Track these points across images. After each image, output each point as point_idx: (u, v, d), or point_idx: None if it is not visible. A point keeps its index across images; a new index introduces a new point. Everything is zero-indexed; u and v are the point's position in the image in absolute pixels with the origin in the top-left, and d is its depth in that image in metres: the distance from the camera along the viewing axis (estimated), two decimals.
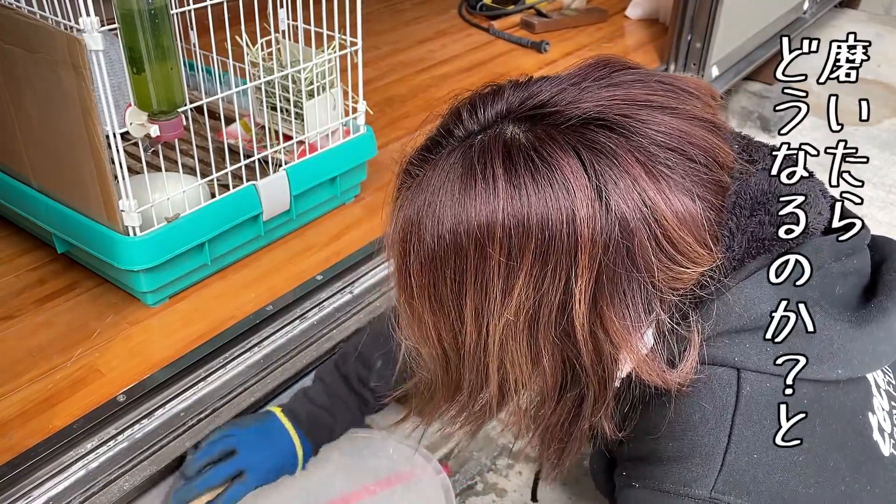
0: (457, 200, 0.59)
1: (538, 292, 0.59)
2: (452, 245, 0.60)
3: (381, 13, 2.28)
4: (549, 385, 0.65)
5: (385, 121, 1.66)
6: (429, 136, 0.66)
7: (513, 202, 0.57)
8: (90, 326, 1.08)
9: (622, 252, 0.57)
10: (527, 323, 0.61)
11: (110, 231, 1.04)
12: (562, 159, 0.57)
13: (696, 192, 0.60)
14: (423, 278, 0.62)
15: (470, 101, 0.65)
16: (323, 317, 1.15)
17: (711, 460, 0.61)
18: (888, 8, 3.18)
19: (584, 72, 0.64)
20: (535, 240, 0.58)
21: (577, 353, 0.62)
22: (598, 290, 0.59)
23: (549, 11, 2.26)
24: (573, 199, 0.57)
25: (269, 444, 0.96)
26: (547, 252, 0.58)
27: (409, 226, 0.62)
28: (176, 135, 0.99)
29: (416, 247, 0.62)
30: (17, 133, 1.09)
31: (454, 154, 0.61)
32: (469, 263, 0.60)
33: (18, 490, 0.87)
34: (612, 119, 0.59)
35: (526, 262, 0.58)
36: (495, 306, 0.60)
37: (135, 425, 0.96)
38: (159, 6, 0.92)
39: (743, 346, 0.63)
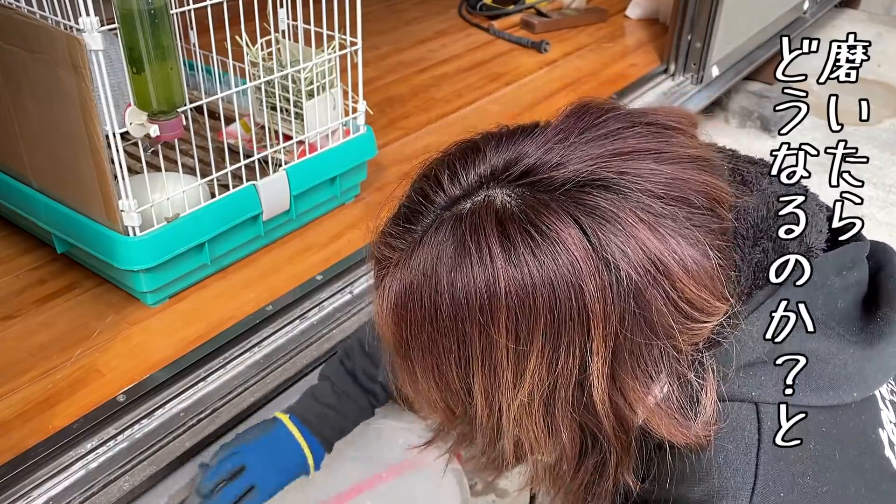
0: (452, 282, 0.55)
1: (552, 374, 0.56)
2: (453, 330, 0.56)
3: (381, 13, 2.28)
4: (568, 454, 0.62)
5: (385, 121, 1.66)
6: (403, 203, 0.61)
7: (514, 282, 0.53)
8: (90, 326, 1.08)
9: (639, 321, 0.54)
10: (542, 402, 0.57)
11: (110, 231, 1.04)
12: (562, 231, 0.53)
13: (705, 241, 0.56)
14: (424, 361, 0.59)
15: (447, 164, 0.60)
16: (323, 317, 1.15)
17: (738, 502, 0.59)
18: (888, 8, 3.18)
19: (566, 124, 0.59)
20: (544, 320, 0.54)
21: (597, 424, 0.59)
22: (616, 363, 0.55)
23: (549, 11, 2.26)
24: (579, 273, 0.53)
25: (278, 454, 0.94)
26: (558, 332, 0.54)
27: (402, 308, 0.58)
28: (176, 135, 0.99)
29: (412, 330, 0.58)
30: (17, 133, 1.09)
31: (442, 229, 0.56)
32: (474, 348, 0.56)
33: (18, 490, 0.87)
34: (607, 178, 0.55)
35: (536, 344, 0.54)
36: (507, 389, 0.57)
37: (135, 425, 0.96)
38: (159, 6, 0.92)
39: (759, 378, 0.60)
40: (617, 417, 0.58)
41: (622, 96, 1.84)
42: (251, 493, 0.91)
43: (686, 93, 1.94)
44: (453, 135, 1.36)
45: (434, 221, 0.57)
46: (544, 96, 1.83)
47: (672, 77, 1.98)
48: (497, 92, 1.83)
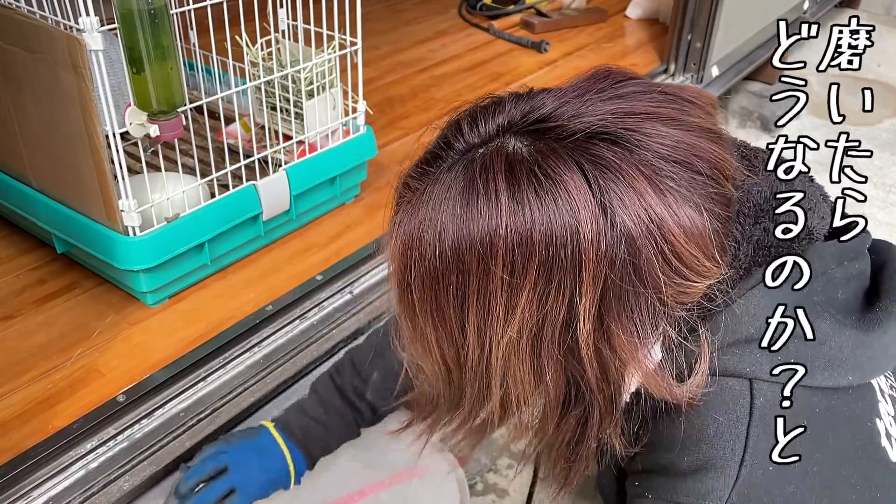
0: (458, 216, 0.58)
1: (542, 310, 0.58)
2: (454, 261, 0.59)
3: (381, 13, 2.28)
4: (552, 403, 0.63)
5: (385, 121, 1.66)
6: (427, 149, 0.65)
7: (516, 218, 0.56)
8: (90, 326, 1.08)
9: (628, 268, 0.56)
10: (530, 341, 0.59)
11: (110, 231, 1.04)
12: (565, 175, 0.56)
13: (703, 206, 0.59)
14: (424, 294, 0.61)
15: (470, 114, 0.64)
16: (323, 317, 1.15)
17: (726, 473, 0.61)
18: (888, 8, 3.18)
19: (585, 84, 0.62)
20: (539, 257, 0.56)
21: (581, 371, 0.61)
22: (603, 307, 0.58)
23: (549, 11, 2.26)
24: (577, 216, 0.55)
25: (260, 460, 0.93)
26: (551, 269, 0.57)
27: (410, 241, 0.61)
28: (175, 135, 0.99)
29: (416, 262, 0.61)
30: (16, 133, 1.09)
31: (455, 168, 0.60)
32: (471, 280, 0.59)
33: (18, 490, 0.87)
34: (616, 133, 0.58)
35: (529, 279, 0.57)
36: (498, 324, 0.59)
37: (134, 425, 0.96)
38: (159, 6, 0.92)
39: (753, 356, 0.62)
40: (601, 366, 0.60)
41: None
42: (231, 496, 0.91)
43: None
44: None
45: (449, 166, 0.60)
46: None
47: (672, 77, 1.98)
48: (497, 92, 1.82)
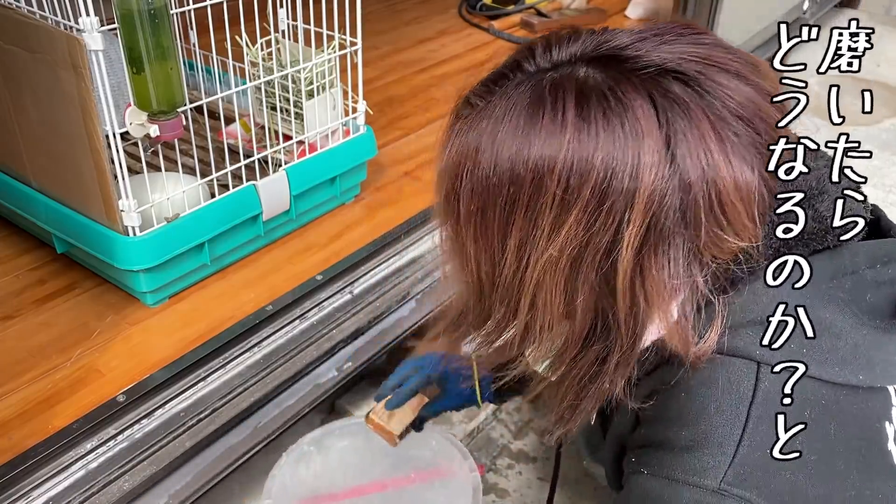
0: (521, 129, 0.59)
1: (588, 231, 0.58)
2: (509, 173, 0.59)
3: (381, 13, 2.28)
4: (576, 333, 0.64)
5: (385, 121, 1.66)
6: (494, 69, 0.66)
7: (580, 137, 0.57)
8: (90, 326, 1.08)
9: (675, 205, 0.57)
10: (569, 262, 0.60)
11: (110, 231, 1.04)
12: (635, 102, 0.57)
13: (756, 168, 0.59)
14: (472, 204, 0.62)
15: (544, 40, 0.64)
16: (323, 317, 1.15)
17: (723, 451, 0.60)
18: (888, 8, 3.18)
19: (665, 27, 0.63)
20: (596, 178, 0.57)
21: (611, 304, 0.61)
22: (645, 238, 0.58)
23: (548, 11, 2.26)
24: (641, 144, 0.56)
25: (450, 371, 1.02)
26: (605, 192, 0.57)
27: (466, 151, 0.62)
28: (175, 135, 0.99)
29: (469, 172, 0.61)
30: (16, 133, 1.09)
31: (523, 86, 0.60)
32: (523, 193, 0.59)
33: (18, 490, 0.87)
34: (690, 74, 0.58)
35: (582, 199, 0.58)
36: (541, 239, 0.60)
37: (134, 425, 0.96)
38: (159, 6, 0.92)
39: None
40: (631, 301, 0.60)
41: None
42: (432, 404, 1.02)
43: None
44: None
45: (515, 86, 0.61)
46: None
47: None
48: None
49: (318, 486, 1.06)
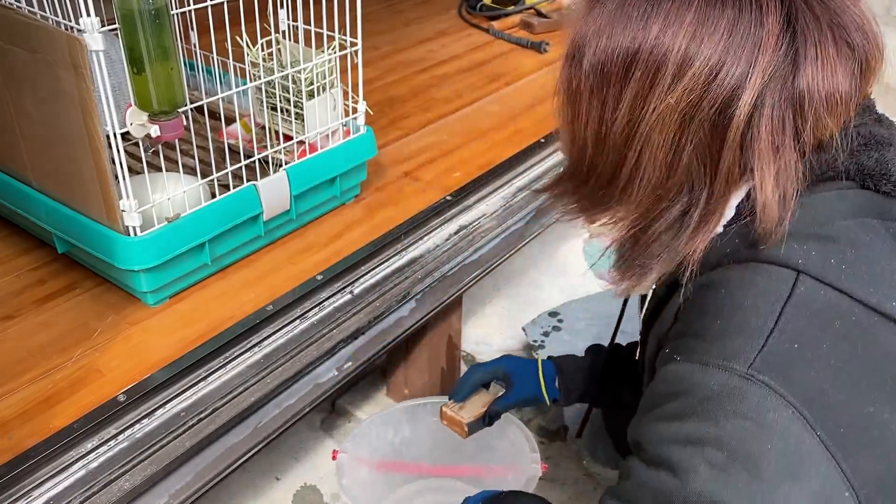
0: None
1: (712, 77, 0.62)
2: (634, 39, 0.64)
3: (381, 13, 2.28)
4: (669, 186, 0.67)
5: (385, 121, 1.66)
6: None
7: (708, 8, 0.61)
8: (90, 326, 1.08)
9: (792, 73, 0.62)
10: (685, 112, 0.63)
11: (111, 231, 1.04)
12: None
13: (857, 82, 0.65)
14: (595, 47, 0.66)
15: None
16: (323, 317, 1.15)
17: (754, 339, 0.63)
18: (888, 8, 3.18)
19: None
20: (728, 16, 0.61)
21: (715, 159, 0.65)
22: (761, 97, 0.62)
23: (548, 12, 2.27)
24: (764, 19, 0.61)
25: (518, 365, 1.09)
26: (735, 31, 0.61)
27: (599, 24, 0.66)
28: (176, 135, 0.99)
29: (598, 36, 0.65)
30: (17, 133, 1.09)
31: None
32: (653, 24, 0.63)
33: (18, 490, 0.87)
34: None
35: (715, 37, 0.61)
36: (662, 86, 0.63)
37: (135, 425, 0.96)
38: (160, 6, 0.92)
39: (809, 252, 0.65)
40: (735, 156, 0.64)
41: None
42: (501, 399, 1.07)
43: None
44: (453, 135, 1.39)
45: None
46: (544, 96, 1.82)
47: None
48: (497, 92, 1.83)
49: (399, 452, 1.11)
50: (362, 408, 1.28)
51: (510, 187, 1.48)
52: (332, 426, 1.30)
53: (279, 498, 1.21)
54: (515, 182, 1.50)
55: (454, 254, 1.31)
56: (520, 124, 1.68)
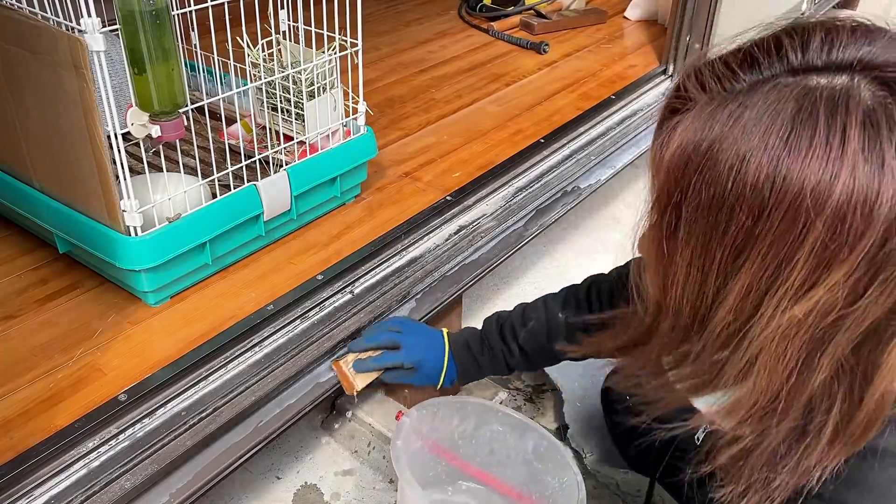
0: (781, 146, 0.46)
1: (855, 297, 0.46)
2: (754, 196, 0.46)
3: (382, 14, 2.28)
4: (794, 403, 0.51)
5: (385, 121, 1.66)
6: (743, 46, 0.53)
7: (867, 175, 0.45)
8: (92, 326, 1.08)
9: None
10: (818, 331, 0.48)
11: (112, 231, 1.04)
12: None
13: None
14: (694, 220, 0.49)
15: (823, 27, 0.51)
16: (323, 316, 1.16)
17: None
18: (886, 8, 3.19)
19: None
20: (879, 231, 0.44)
21: (861, 385, 0.49)
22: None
23: (548, 13, 2.27)
24: None
25: (427, 357, 1.05)
26: (887, 257, 0.45)
27: (698, 150, 0.49)
28: (177, 135, 0.99)
29: (699, 180, 0.48)
30: (18, 133, 1.09)
31: (784, 88, 0.48)
32: (769, 227, 0.47)
33: (20, 489, 0.88)
34: None
35: (856, 253, 0.45)
36: (784, 294, 0.47)
37: (136, 424, 0.96)
38: (160, 7, 0.92)
39: None
40: (884, 382, 0.48)
41: (621, 97, 1.84)
42: (395, 371, 1.06)
43: None
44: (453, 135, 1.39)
45: (770, 80, 0.49)
46: (544, 97, 1.83)
47: (671, 78, 1.98)
48: (497, 93, 1.83)
49: (455, 443, 1.10)
50: (362, 407, 1.28)
51: (510, 187, 1.48)
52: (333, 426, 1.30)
53: (280, 497, 1.21)
54: (515, 182, 1.50)
55: (454, 254, 1.31)
56: (520, 124, 1.69)
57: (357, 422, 1.29)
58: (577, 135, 1.68)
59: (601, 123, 1.75)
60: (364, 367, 1.08)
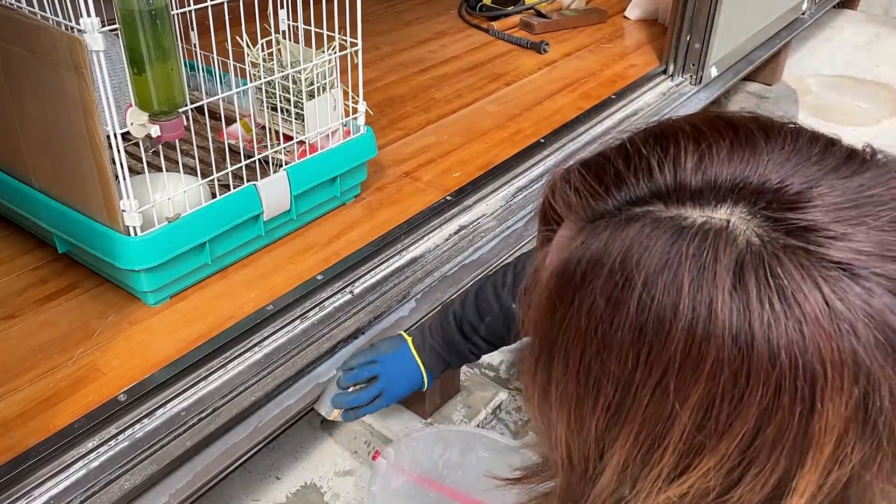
0: (659, 273, 0.40)
1: (730, 485, 0.41)
2: (625, 369, 0.41)
3: (381, 14, 2.28)
4: None
5: (385, 121, 1.66)
6: (608, 153, 0.45)
7: (734, 361, 0.39)
8: (91, 326, 1.08)
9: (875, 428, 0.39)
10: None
11: (111, 231, 1.04)
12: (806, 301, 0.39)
13: None
14: (567, 385, 0.44)
15: (697, 142, 0.44)
16: (323, 316, 1.15)
17: None
18: (887, 9, 3.19)
19: (867, 189, 0.41)
20: (751, 421, 0.39)
21: None
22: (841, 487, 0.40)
23: (548, 12, 2.27)
24: (819, 351, 0.38)
25: (403, 373, 1.07)
26: (768, 446, 0.39)
27: (567, 285, 0.43)
28: (176, 135, 0.99)
29: (576, 311, 0.43)
30: (18, 133, 1.09)
31: (655, 231, 0.41)
32: (637, 405, 0.41)
33: (19, 489, 0.88)
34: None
35: (726, 442, 0.40)
36: (655, 477, 0.42)
37: (135, 425, 0.96)
38: (160, 6, 0.92)
39: None
40: None
41: (621, 97, 1.84)
42: (378, 399, 1.07)
43: (685, 93, 1.94)
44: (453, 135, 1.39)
45: (644, 210, 0.42)
46: (544, 97, 1.83)
47: (671, 78, 1.98)
48: (497, 92, 1.83)
49: (440, 473, 1.11)
50: None
51: (510, 187, 1.48)
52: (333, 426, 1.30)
53: (279, 498, 1.21)
54: (515, 182, 1.50)
55: (454, 254, 1.31)
56: (520, 124, 1.68)
57: (357, 422, 1.29)
58: (578, 134, 1.68)
59: (601, 123, 1.75)
60: (350, 417, 1.09)
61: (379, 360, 1.07)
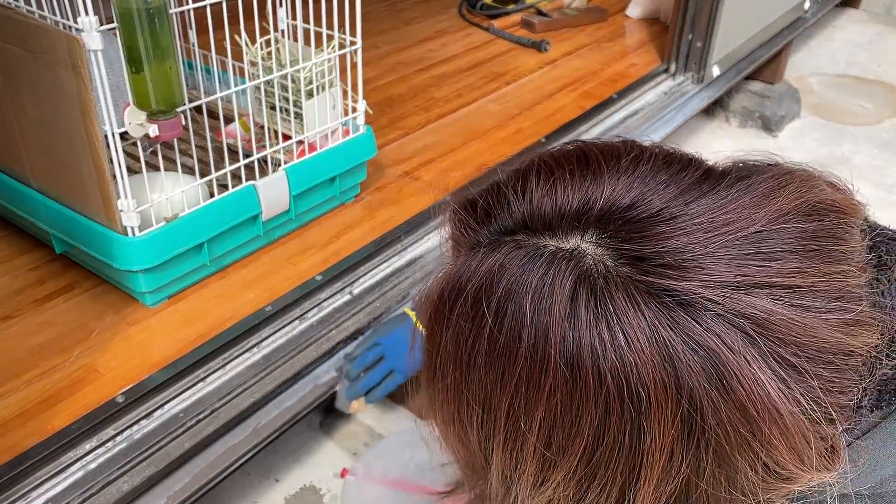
0: (521, 289, 0.44)
1: (579, 497, 0.44)
2: (490, 372, 0.44)
3: (381, 12, 2.28)
4: None
5: (385, 120, 1.66)
6: (482, 190, 0.51)
7: (572, 334, 0.42)
8: (89, 326, 1.08)
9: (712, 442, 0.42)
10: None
11: (109, 231, 1.04)
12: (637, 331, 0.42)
13: (813, 402, 0.43)
14: (447, 364, 0.47)
15: (545, 169, 0.48)
16: (322, 317, 1.15)
17: None
18: (889, 7, 3.18)
19: (720, 211, 0.44)
20: (587, 437, 0.42)
21: None
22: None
23: (549, 10, 2.26)
24: (641, 361, 0.41)
25: (410, 346, 1.06)
26: (600, 461, 0.43)
27: (443, 308, 0.47)
28: (175, 134, 0.99)
29: (446, 334, 0.46)
30: (16, 133, 1.09)
31: (517, 255, 0.45)
32: (499, 412, 0.45)
33: (17, 491, 0.87)
34: (734, 310, 0.42)
35: (570, 457, 0.43)
36: (526, 486, 0.46)
37: (134, 426, 0.96)
38: (158, 5, 0.92)
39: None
40: None
41: (622, 96, 1.84)
42: (391, 376, 1.07)
43: (686, 92, 1.93)
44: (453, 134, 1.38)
45: (511, 239, 0.46)
46: (544, 96, 1.82)
47: (673, 77, 1.98)
48: (497, 91, 1.82)
49: (412, 474, 1.10)
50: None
51: None
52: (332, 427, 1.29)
53: (278, 500, 1.21)
54: None
55: None
56: (520, 124, 1.68)
57: (356, 423, 1.29)
58: (579, 134, 1.68)
59: (602, 122, 1.74)
60: (374, 398, 1.09)
61: (381, 342, 1.08)
